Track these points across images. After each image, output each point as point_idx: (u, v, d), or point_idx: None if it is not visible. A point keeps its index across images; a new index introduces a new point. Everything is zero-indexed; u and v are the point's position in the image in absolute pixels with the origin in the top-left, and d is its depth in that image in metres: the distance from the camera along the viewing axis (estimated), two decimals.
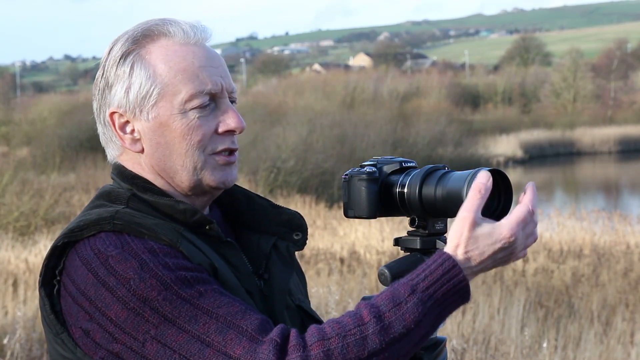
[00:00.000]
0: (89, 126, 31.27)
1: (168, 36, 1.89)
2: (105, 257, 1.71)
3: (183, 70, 1.86)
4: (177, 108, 1.85)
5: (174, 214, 1.84)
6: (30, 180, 17.75)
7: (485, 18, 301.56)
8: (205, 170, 1.87)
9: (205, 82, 1.86)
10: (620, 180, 35.41)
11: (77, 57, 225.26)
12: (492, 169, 1.78)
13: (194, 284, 1.69)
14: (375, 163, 1.93)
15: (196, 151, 1.86)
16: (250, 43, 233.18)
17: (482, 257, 1.71)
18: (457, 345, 7.32)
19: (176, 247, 1.74)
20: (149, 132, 1.88)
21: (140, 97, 1.86)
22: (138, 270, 1.69)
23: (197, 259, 1.75)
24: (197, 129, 1.85)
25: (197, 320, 1.65)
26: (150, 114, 1.87)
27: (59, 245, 1.77)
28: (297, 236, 1.97)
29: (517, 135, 44.57)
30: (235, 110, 1.89)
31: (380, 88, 46.50)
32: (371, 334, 1.62)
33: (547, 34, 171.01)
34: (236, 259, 1.87)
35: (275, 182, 21.76)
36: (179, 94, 1.85)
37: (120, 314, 1.68)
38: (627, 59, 63.82)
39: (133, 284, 1.68)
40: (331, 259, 12.10)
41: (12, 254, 11.92)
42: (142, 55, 1.87)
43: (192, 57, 1.87)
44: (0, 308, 8.70)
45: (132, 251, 1.71)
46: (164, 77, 1.86)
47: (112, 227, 1.74)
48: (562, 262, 11.46)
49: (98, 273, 1.70)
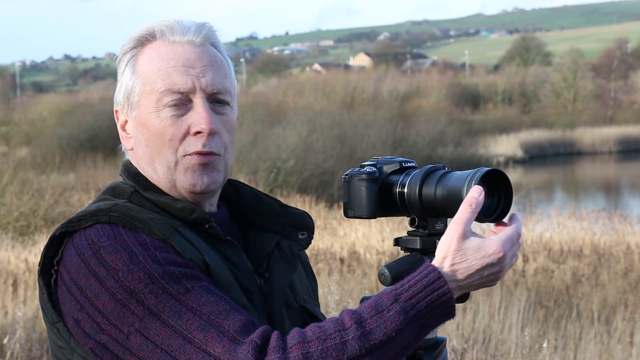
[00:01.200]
0: (88, 126, 31.31)
1: (162, 37, 1.92)
2: (97, 248, 1.73)
3: (157, 69, 1.88)
4: (153, 106, 1.87)
5: (174, 212, 1.85)
6: (30, 180, 17.75)
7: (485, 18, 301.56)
8: (177, 172, 1.88)
9: (175, 81, 1.87)
10: (620, 180, 35.40)
11: (77, 57, 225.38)
12: (492, 169, 1.78)
13: (182, 280, 1.70)
14: (375, 163, 1.93)
15: (168, 150, 1.87)
16: (250, 43, 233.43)
17: (469, 271, 1.70)
18: (457, 345, 7.31)
19: (168, 241, 1.75)
20: (134, 130, 1.92)
21: (127, 95, 1.91)
22: (127, 262, 1.70)
23: (188, 255, 1.76)
24: (168, 128, 1.86)
25: (180, 316, 1.66)
26: (135, 111, 1.90)
27: (56, 235, 1.79)
28: (302, 235, 1.98)
29: (517, 135, 44.57)
30: (207, 111, 1.87)
31: (380, 88, 46.48)
32: (351, 340, 1.62)
33: (547, 34, 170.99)
34: (236, 257, 1.87)
35: (275, 182, 21.76)
36: (154, 92, 1.87)
37: (108, 304, 1.69)
38: (627, 59, 63.78)
39: (121, 276, 1.69)
40: (331, 259, 12.10)
41: (12, 254, 11.91)
42: (137, 56, 1.92)
43: (170, 57, 1.89)
44: (0, 308, 8.70)
45: (123, 243, 1.73)
46: (144, 76, 1.89)
47: (107, 219, 1.76)
48: (562, 262, 11.45)
49: (90, 263, 1.72)
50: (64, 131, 31.15)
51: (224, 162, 1.91)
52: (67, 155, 27.91)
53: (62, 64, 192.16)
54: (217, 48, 1.96)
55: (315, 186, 22.27)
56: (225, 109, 1.91)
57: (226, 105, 1.91)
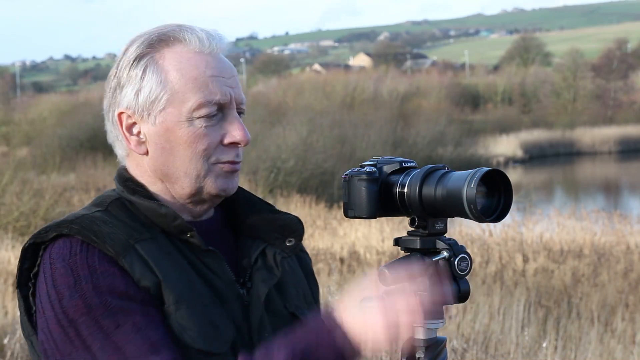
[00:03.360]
0: (89, 126, 31.31)
1: (183, 43, 1.90)
2: (54, 269, 1.76)
3: (194, 78, 1.86)
4: (185, 115, 1.86)
5: (155, 218, 1.86)
6: (30, 180, 17.75)
7: (485, 18, 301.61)
8: (208, 178, 1.88)
9: (214, 92, 1.86)
10: (620, 180, 35.41)
11: (77, 57, 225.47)
12: (492, 169, 1.78)
13: (115, 314, 1.73)
14: (375, 163, 1.92)
15: (200, 159, 1.87)
16: (250, 43, 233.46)
17: None
18: (457, 345, 7.32)
19: (118, 259, 1.77)
20: (155, 136, 1.89)
21: (149, 101, 1.88)
22: (72, 288, 1.74)
23: (137, 275, 1.77)
24: (202, 138, 1.86)
25: (105, 351, 1.71)
26: (158, 118, 1.88)
27: (26, 247, 1.82)
28: (289, 242, 1.98)
29: (517, 135, 44.59)
30: (241, 123, 1.90)
31: (380, 88, 46.50)
32: None
33: (547, 34, 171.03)
34: (218, 268, 1.88)
35: (275, 182, 21.77)
36: (187, 101, 1.86)
37: (55, 328, 1.74)
38: (627, 59, 63.82)
39: (64, 302, 1.74)
40: (331, 259, 12.11)
41: (12, 254, 11.92)
42: (156, 59, 1.89)
43: (204, 66, 1.87)
44: (0, 308, 8.70)
45: (73, 265, 1.76)
46: (174, 83, 1.87)
47: (68, 231, 1.78)
48: (562, 262, 11.45)
49: (47, 284, 1.77)
50: (64, 131, 31.17)
51: None
52: (67, 155, 27.95)
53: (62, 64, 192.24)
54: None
55: (315, 186, 22.28)
56: (242, 120, 1.93)
57: (242, 116, 1.94)
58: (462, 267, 1.85)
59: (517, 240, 12.55)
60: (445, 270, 1.80)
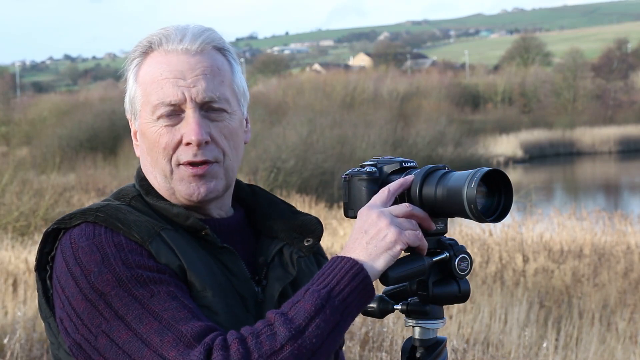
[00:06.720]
0: (88, 126, 31.35)
1: (160, 47, 1.95)
2: (76, 248, 1.79)
3: (152, 81, 1.93)
4: (150, 117, 1.92)
5: (171, 217, 1.90)
6: (30, 180, 17.77)
7: (485, 18, 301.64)
8: (174, 181, 1.92)
9: (167, 93, 1.90)
10: (620, 180, 35.41)
11: (77, 57, 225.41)
12: (492, 169, 1.78)
13: (148, 284, 1.75)
14: (375, 163, 1.93)
15: (163, 159, 1.92)
16: (250, 43, 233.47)
17: (354, 243, 1.79)
18: (458, 345, 7.31)
19: (144, 245, 1.80)
20: (139, 137, 1.98)
21: (133, 104, 1.98)
22: (99, 263, 1.76)
23: (164, 259, 1.80)
24: (161, 137, 1.91)
25: (142, 320, 1.72)
26: (138, 121, 1.97)
27: (49, 231, 1.86)
28: (307, 242, 2.00)
29: (517, 135, 44.60)
30: (197, 122, 1.90)
31: (380, 88, 46.49)
32: (278, 327, 1.69)
33: (547, 34, 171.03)
34: (234, 265, 1.90)
35: (275, 182, 21.76)
36: (150, 104, 1.92)
37: (81, 304, 1.75)
38: (627, 59, 63.86)
39: (92, 277, 1.75)
40: None
41: (12, 254, 11.92)
42: (140, 65, 1.96)
43: (163, 68, 1.92)
44: (0, 308, 8.69)
45: (99, 243, 1.79)
46: (142, 87, 1.95)
47: (93, 219, 1.82)
48: (563, 262, 11.44)
49: (69, 262, 1.79)
50: (64, 131, 31.19)
51: (223, 168, 1.93)
52: (67, 155, 27.96)
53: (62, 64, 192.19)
54: (221, 51, 1.97)
55: (315, 186, 22.28)
56: (221, 116, 1.92)
57: (222, 112, 1.93)
58: (462, 267, 1.86)
59: (517, 240, 12.54)
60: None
